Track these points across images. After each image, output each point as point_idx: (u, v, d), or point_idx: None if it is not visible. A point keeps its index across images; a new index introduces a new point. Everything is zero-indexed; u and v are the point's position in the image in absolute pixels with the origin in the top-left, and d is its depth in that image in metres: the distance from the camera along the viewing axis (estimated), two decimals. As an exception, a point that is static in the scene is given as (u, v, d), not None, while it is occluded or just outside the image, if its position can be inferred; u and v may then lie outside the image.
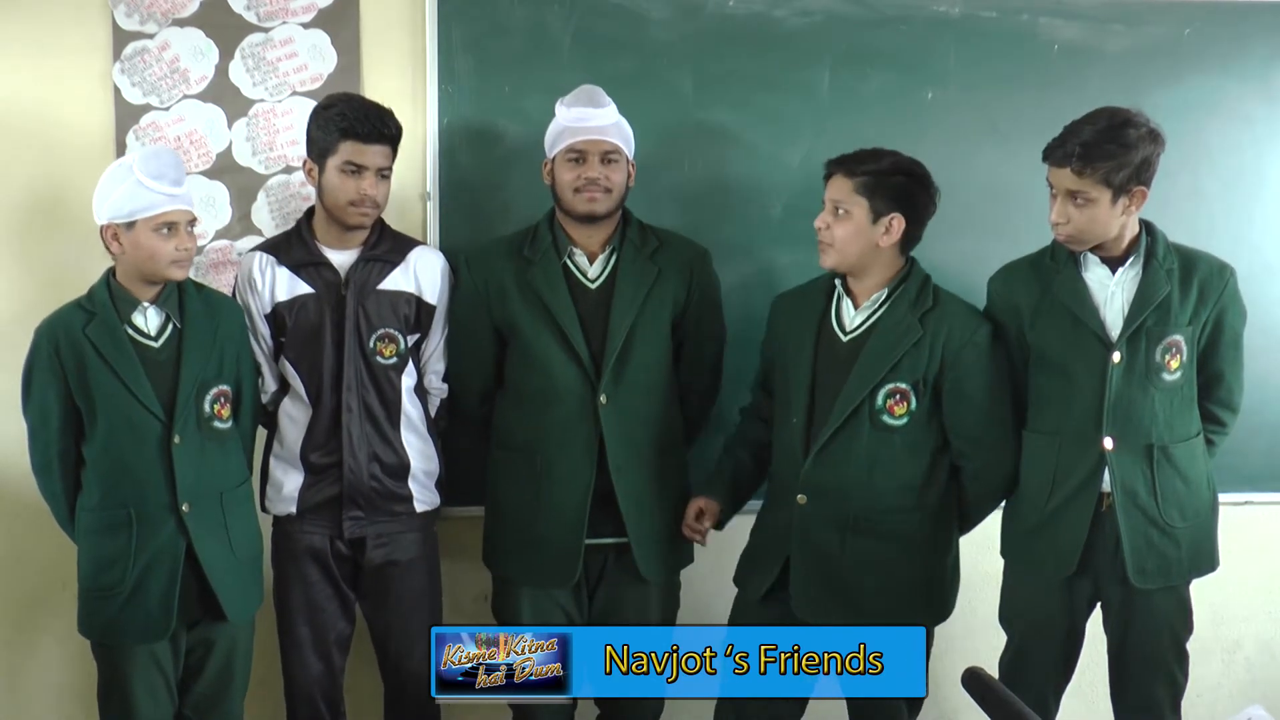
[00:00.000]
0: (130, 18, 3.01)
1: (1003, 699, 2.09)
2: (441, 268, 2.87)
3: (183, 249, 2.56)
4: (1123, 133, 2.52)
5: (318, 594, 2.83)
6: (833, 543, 2.65)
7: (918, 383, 2.61)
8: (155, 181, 2.51)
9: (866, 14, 3.13)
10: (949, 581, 2.77)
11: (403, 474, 2.81)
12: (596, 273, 2.77)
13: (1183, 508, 2.67)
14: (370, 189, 2.71)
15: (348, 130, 2.68)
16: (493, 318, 2.80)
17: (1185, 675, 2.77)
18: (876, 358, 2.61)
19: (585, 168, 2.71)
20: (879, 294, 2.65)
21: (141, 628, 2.59)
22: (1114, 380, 2.62)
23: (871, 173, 2.59)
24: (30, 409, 2.61)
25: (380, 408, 2.78)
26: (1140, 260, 2.64)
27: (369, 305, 2.76)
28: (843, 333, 2.68)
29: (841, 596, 2.66)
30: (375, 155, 2.71)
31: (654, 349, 2.78)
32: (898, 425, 2.62)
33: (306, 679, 2.86)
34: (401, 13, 3.06)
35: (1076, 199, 2.56)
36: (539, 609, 2.82)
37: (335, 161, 2.70)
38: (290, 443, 2.80)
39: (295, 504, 2.79)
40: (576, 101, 2.73)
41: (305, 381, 2.77)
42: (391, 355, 2.78)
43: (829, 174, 2.65)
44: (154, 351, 2.58)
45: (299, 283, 2.76)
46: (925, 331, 2.61)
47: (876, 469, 2.63)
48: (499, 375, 2.86)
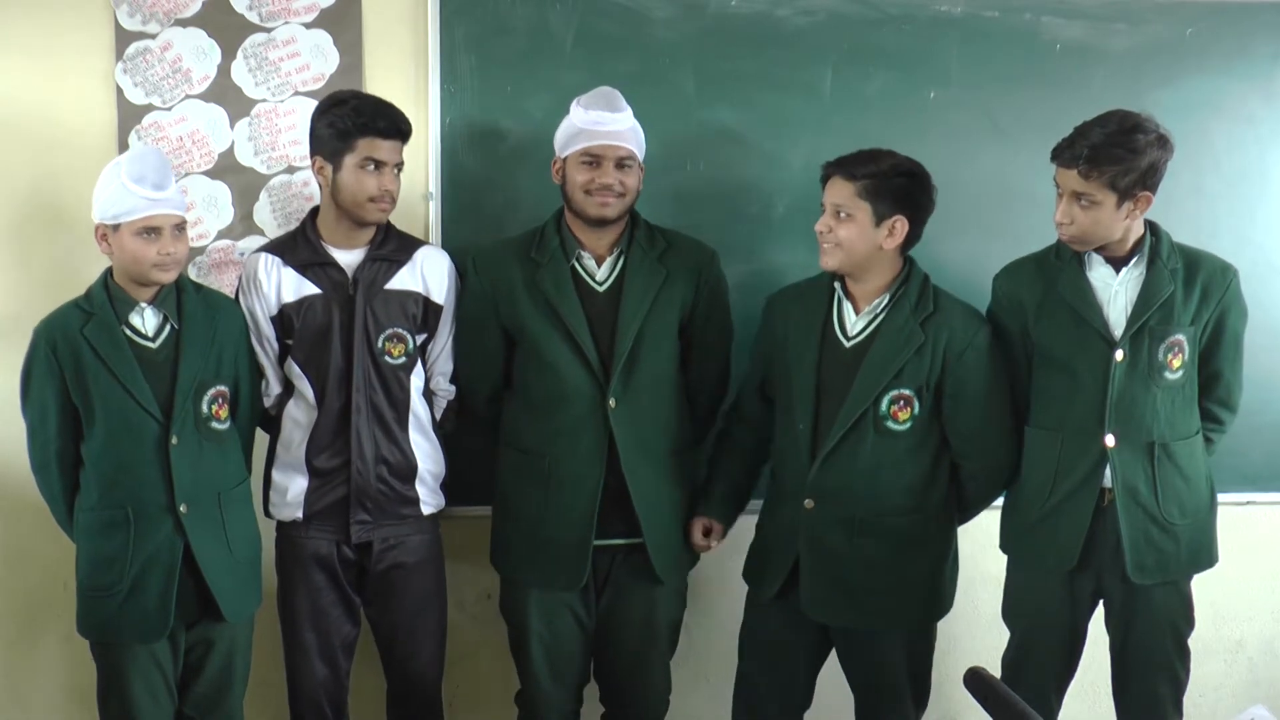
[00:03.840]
0: (132, 18, 3.01)
1: (1005, 699, 2.09)
2: (448, 267, 2.86)
3: (165, 254, 2.53)
4: (1132, 137, 2.53)
5: (323, 600, 2.81)
6: (840, 544, 2.67)
7: (920, 388, 2.62)
8: (136, 185, 2.50)
9: (869, 13, 3.13)
10: (949, 578, 2.80)
11: (410, 476, 2.80)
12: (604, 275, 2.76)
13: (1182, 505, 2.68)
14: (391, 185, 2.71)
15: (366, 126, 2.67)
16: (500, 319, 2.79)
17: (1187, 672, 2.78)
18: (880, 365, 2.62)
19: (600, 172, 2.69)
20: (880, 298, 2.66)
21: (139, 627, 2.59)
22: (1117, 378, 2.63)
23: (873, 175, 2.58)
24: (29, 408, 2.61)
25: (389, 408, 2.77)
26: (1144, 260, 2.65)
27: (377, 305, 2.75)
28: (845, 338, 2.68)
29: (849, 596, 2.68)
30: (392, 151, 2.71)
31: (663, 351, 2.77)
32: (901, 430, 2.63)
33: (312, 684, 2.84)
34: (403, 12, 3.06)
35: (1082, 200, 2.56)
36: (547, 610, 2.82)
37: (353, 159, 2.67)
38: (294, 446, 2.78)
39: (301, 509, 2.78)
40: (594, 104, 2.71)
41: (313, 383, 2.75)
42: (400, 355, 2.76)
43: (827, 176, 2.65)
44: (151, 352, 2.58)
45: (306, 283, 2.74)
46: (927, 337, 2.62)
47: (881, 472, 2.64)
48: (507, 376, 2.85)
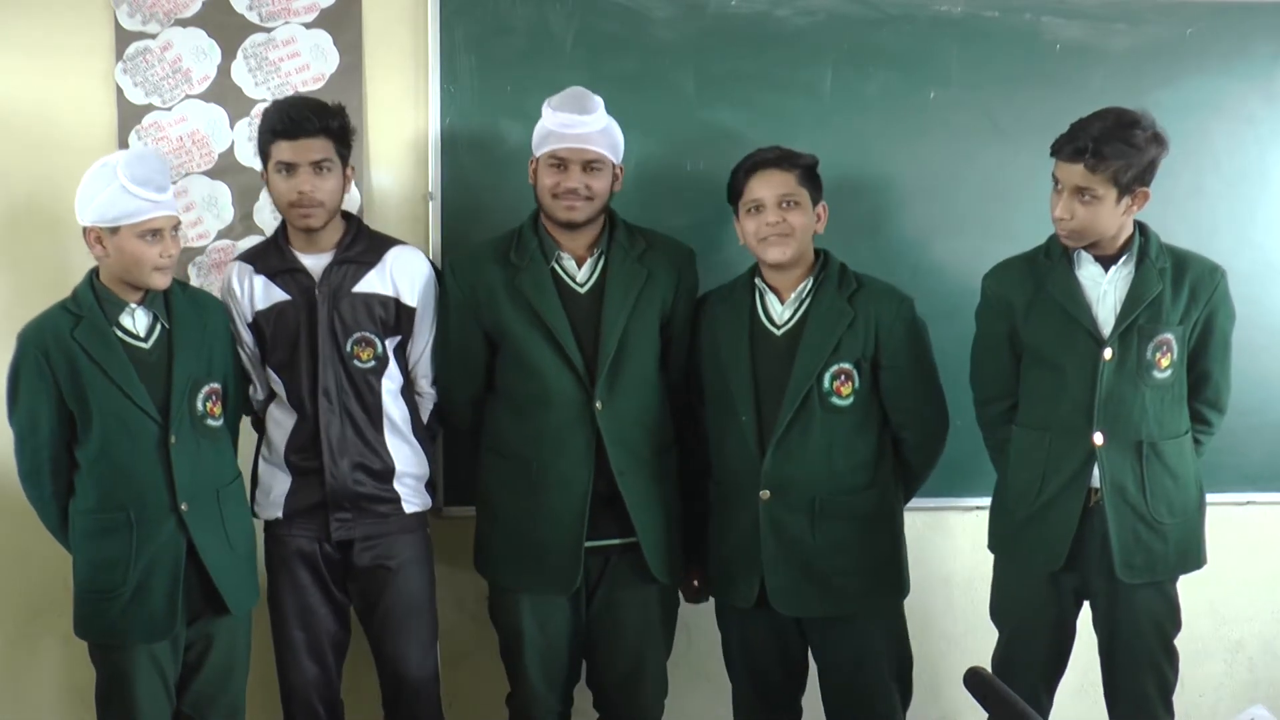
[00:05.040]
0: (132, 18, 3.01)
1: (1005, 699, 2.09)
2: (422, 268, 2.82)
3: (166, 255, 2.53)
4: (1131, 133, 2.54)
5: (310, 597, 2.81)
6: (803, 531, 2.68)
7: (859, 360, 2.67)
8: (141, 188, 2.48)
9: (869, 13, 3.13)
10: (904, 554, 2.83)
11: (387, 478, 2.78)
12: (585, 277, 2.75)
13: (1171, 504, 2.69)
14: (305, 185, 2.64)
15: (274, 130, 2.64)
16: (482, 323, 2.77)
17: (1175, 672, 2.78)
18: (818, 342, 2.66)
19: (566, 176, 2.67)
20: (804, 284, 2.70)
21: (146, 627, 2.58)
22: (1105, 376, 2.64)
23: (804, 166, 2.68)
24: (17, 416, 2.58)
25: (361, 412, 2.75)
26: (1133, 259, 2.66)
27: (343, 309, 2.71)
28: (774, 327, 2.71)
29: (821, 584, 2.69)
30: (305, 150, 2.63)
31: (646, 351, 2.76)
32: (845, 406, 2.67)
33: (303, 682, 2.84)
34: (403, 12, 3.06)
35: (1084, 195, 2.57)
36: (539, 614, 2.80)
37: (271, 165, 2.67)
38: (276, 447, 2.78)
39: (282, 508, 2.78)
40: (563, 106, 2.69)
41: (287, 388, 2.75)
42: (369, 359, 2.74)
43: (757, 169, 2.68)
44: (144, 353, 2.57)
45: (275, 290, 2.73)
46: (856, 312, 2.68)
47: (834, 452, 2.68)
48: (489, 380, 2.84)
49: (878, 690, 2.77)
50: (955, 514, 2.92)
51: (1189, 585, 2.80)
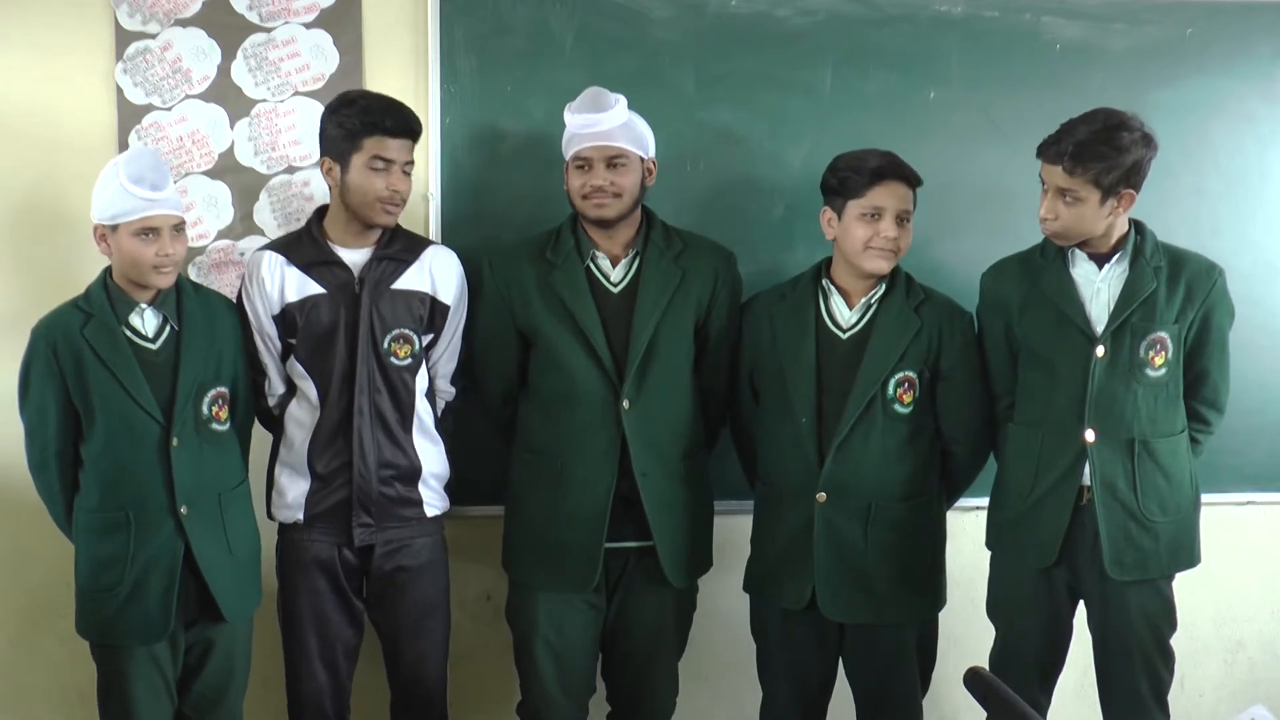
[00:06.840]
0: (132, 18, 3.01)
1: (1005, 699, 2.09)
2: (456, 267, 2.83)
3: (164, 254, 2.52)
4: (1117, 135, 2.54)
5: (325, 604, 2.78)
6: (856, 536, 2.69)
7: (921, 370, 2.69)
8: (135, 185, 2.49)
9: (869, 13, 3.13)
10: (945, 566, 2.84)
11: (414, 478, 2.78)
12: (619, 276, 2.75)
13: (1163, 502, 2.69)
14: (399, 184, 2.68)
15: (374, 125, 2.64)
16: (515, 320, 2.77)
17: (1171, 672, 2.78)
18: (885, 348, 2.67)
19: (591, 175, 2.68)
20: (875, 290, 2.71)
21: (140, 628, 2.58)
22: (1097, 374, 2.65)
23: (919, 184, 2.69)
24: (27, 409, 2.60)
25: (393, 410, 2.74)
26: (1128, 257, 2.67)
27: (383, 305, 2.72)
28: (840, 330, 2.71)
29: (868, 591, 2.70)
30: (401, 149, 2.68)
31: (677, 353, 2.76)
32: (905, 414, 2.68)
33: (314, 689, 2.81)
34: (403, 12, 3.06)
35: (1066, 196, 2.58)
36: (554, 614, 2.79)
37: (361, 159, 2.65)
38: (297, 447, 2.76)
39: (302, 511, 2.75)
40: (581, 107, 2.70)
41: (316, 383, 2.73)
42: (406, 356, 2.74)
43: (885, 178, 2.63)
44: (152, 354, 2.58)
45: (310, 282, 2.72)
46: (923, 321, 2.69)
47: (890, 459, 2.69)
48: (522, 376, 2.84)
49: (906, 701, 2.79)
50: (955, 514, 2.91)
51: (1189, 585, 2.81)
